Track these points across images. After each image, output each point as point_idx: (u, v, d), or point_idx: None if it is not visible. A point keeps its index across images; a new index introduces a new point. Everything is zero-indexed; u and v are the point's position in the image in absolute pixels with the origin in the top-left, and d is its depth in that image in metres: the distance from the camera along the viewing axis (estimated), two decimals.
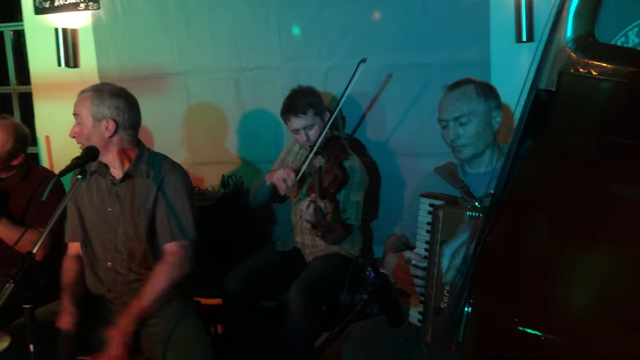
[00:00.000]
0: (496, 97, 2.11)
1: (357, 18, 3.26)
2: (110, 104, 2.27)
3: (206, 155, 3.61)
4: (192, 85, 3.58)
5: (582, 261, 0.79)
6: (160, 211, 2.33)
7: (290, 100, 2.88)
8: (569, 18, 0.79)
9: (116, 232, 2.34)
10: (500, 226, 0.83)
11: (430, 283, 1.89)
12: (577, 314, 0.79)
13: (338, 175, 2.75)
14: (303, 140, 2.86)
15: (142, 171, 2.34)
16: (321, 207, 2.61)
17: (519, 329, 0.82)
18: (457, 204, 1.89)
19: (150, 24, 3.56)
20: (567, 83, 0.78)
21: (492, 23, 3.06)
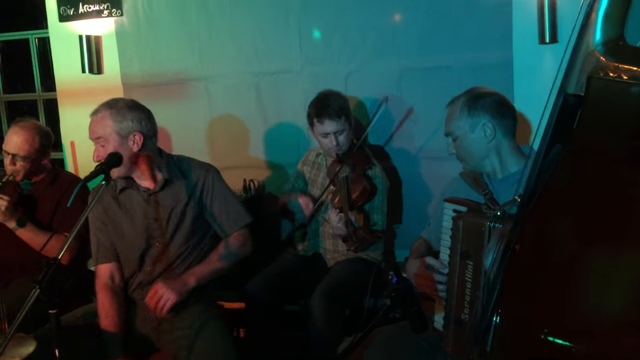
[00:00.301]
0: (486, 108, 2.02)
1: (378, 21, 3.24)
2: (132, 117, 2.27)
3: (228, 160, 3.62)
4: (214, 90, 3.60)
5: (613, 267, 0.78)
6: (215, 207, 2.43)
7: (324, 103, 2.83)
8: (598, 21, 0.78)
9: (162, 240, 2.38)
10: (529, 233, 0.82)
11: (451, 293, 1.88)
12: (607, 322, 0.77)
13: (366, 188, 2.75)
14: (332, 145, 2.82)
15: (177, 175, 2.40)
16: (352, 220, 2.61)
17: (548, 339, 0.80)
18: (479, 212, 1.87)
19: (172, 30, 3.59)
20: (596, 87, 0.76)
21: (514, 24, 3.02)
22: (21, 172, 2.87)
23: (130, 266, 2.41)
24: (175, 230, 2.37)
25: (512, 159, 2.06)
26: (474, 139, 2.03)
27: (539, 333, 0.81)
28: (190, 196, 2.39)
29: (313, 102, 2.89)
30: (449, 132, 2.10)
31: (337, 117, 2.79)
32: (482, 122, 2.02)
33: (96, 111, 2.29)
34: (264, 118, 3.54)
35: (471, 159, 2.07)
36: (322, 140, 2.86)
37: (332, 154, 2.86)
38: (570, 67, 0.80)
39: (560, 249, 0.83)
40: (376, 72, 3.29)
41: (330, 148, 2.84)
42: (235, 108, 3.59)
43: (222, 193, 2.46)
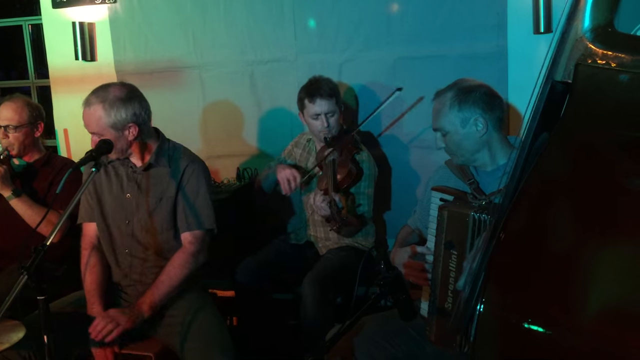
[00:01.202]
0: (476, 102, 2.00)
1: (372, 10, 3.22)
2: (125, 110, 2.24)
3: (221, 147, 3.62)
4: (208, 79, 3.58)
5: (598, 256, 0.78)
6: (180, 201, 2.37)
7: (314, 85, 2.86)
8: (587, 7, 0.76)
9: (132, 219, 2.38)
10: (515, 222, 0.81)
11: (435, 282, 1.89)
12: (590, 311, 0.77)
13: (352, 170, 2.76)
14: (323, 127, 2.83)
15: (163, 162, 2.38)
16: (336, 200, 2.62)
17: (531, 327, 0.80)
18: (464, 202, 1.87)
19: (166, 17, 3.57)
20: (584, 75, 0.75)
21: (509, 14, 3.00)
22: (15, 144, 2.89)
23: (107, 239, 2.42)
24: (150, 215, 2.36)
25: (501, 151, 2.06)
26: (466, 133, 2.01)
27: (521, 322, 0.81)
28: (169, 186, 2.37)
29: (304, 87, 2.92)
30: (438, 127, 2.06)
31: (329, 97, 2.81)
32: (473, 117, 2.00)
33: (88, 103, 2.25)
34: (258, 106, 3.53)
35: (463, 154, 2.06)
36: (312, 123, 2.87)
37: (322, 137, 2.85)
38: (558, 54, 0.80)
39: (546, 237, 0.83)
40: (370, 60, 3.27)
41: (320, 130, 2.84)
42: (229, 96, 3.57)
43: (195, 188, 2.39)
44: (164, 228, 2.38)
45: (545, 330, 0.80)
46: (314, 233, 3.01)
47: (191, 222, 2.37)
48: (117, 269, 2.43)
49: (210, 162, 3.53)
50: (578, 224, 0.79)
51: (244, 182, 3.42)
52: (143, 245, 2.38)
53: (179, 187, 2.37)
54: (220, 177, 3.55)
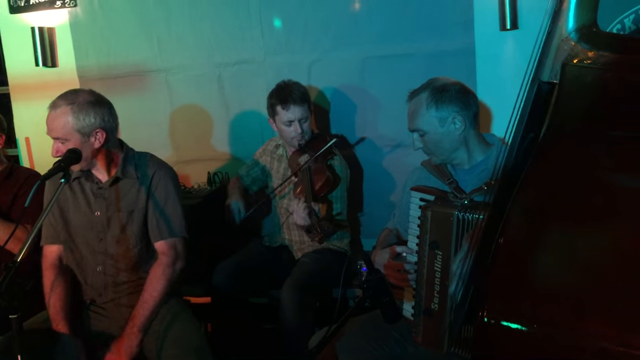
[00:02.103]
0: (452, 100, 2.00)
1: (339, 10, 3.21)
2: (95, 114, 2.16)
3: (191, 152, 3.57)
4: (174, 82, 3.52)
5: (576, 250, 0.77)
6: (150, 210, 2.31)
7: (286, 90, 2.82)
8: (571, 8, 0.76)
9: (105, 236, 2.30)
10: (512, 227, 0.81)
11: (420, 283, 1.89)
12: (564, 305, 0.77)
13: (329, 178, 2.74)
14: (296, 133, 2.80)
15: (130, 173, 2.31)
16: (316, 210, 2.59)
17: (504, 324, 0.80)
18: (446, 201, 1.87)
19: (129, 21, 3.49)
20: (570, 75, 0.75)
21: (476, 11, 3.03)
22: None
23: (77, 260, 2.35)
24: (122, 230, 2.30)
25: (477, 148, 2.07)
26: (444, 132, 2.01)
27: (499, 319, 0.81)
28: (139, 197, 2.31)
29: (274, 92, 2.87)
30: (416, 128, 2.05)
31: (302, 103, 2.78)
32: (451, 116, 2.00)
33: (55, 105, 2.16)
34: (227, 109, 3.49)
35: (442, 153, 2.05)
36: (285, 129, 2.83)
37: (295, 143, 2.83)
38: (543, 54, 0.79)
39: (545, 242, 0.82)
40: (339, 60, 3.26)
41: (294, 137, 2.81)
42: (197, 99, 3.52)
43: (164, 194, 2.33)
44: (137, 241, 2.32)
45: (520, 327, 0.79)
46: (288, 237, 2.98)
47: (163, 231, 2.32)
48: (89, 288, 2.35)
49: (180, 168, 3.48)
50: (572, 225, 0.79)
51: (215, 187, 3.37)
52: (117, 262, 2.31)
53: (148, 196, 2.31)
54: (191, 183, 3.49)
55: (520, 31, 2.96)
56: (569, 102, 0.76)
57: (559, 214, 0.79)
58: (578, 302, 0.73)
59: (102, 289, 2.33)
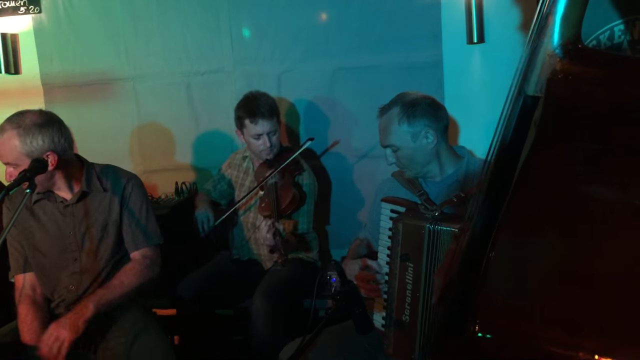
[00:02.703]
0: (424, 115, 2.01)
1: (310, 21, 3.23)
2: (43, 136, 2.07)
3: (158, 162, 3.52)
4: (142, 91, 3.47)
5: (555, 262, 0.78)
6: (126, 221, 2.28)
7: (254, 103, 2.77)
8: (556, 23, 0.78)
9: (80, 255, 2.25)
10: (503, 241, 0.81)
11: (391, 295, 1.89)
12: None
13: (295, 196, 2.72)
14: (265, 147, 2.77)
15: (96, 186, 2.25)
16: (280, 230, 2.57)
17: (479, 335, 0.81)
18: (417, 213, 1.88)
19: (95, 28, 3.44)
20: (556, 89, 0.77)
21: (443, 25, 3.08)
22: None
23: (50, 283, 2.28)
24: (97, 245, 2.25)
25: (449, 160, 2.09)
26: (417, 147, 2.02)
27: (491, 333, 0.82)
28: (112, 210, 2.26)
29: (242, 104, 2.83)
30: (388, 144, 2.06)
31: (270, 116, 2.75)
32: (423, 130, 2.01)
33: (2, 130, 2.07)
34: (195, 119, 3.46)
35: (415, 167, 2.07)
36: (254, 143, 2.79)
37: (264, 156, 2.80)
38: (529, 68, 0.80)
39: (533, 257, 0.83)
40: (309, 71, 3.27)
41: (262, 150, 2.79)
42: (164, 109, 3.48)
43: (138, 204, 2.31)
44: (113, 254, 2.27)
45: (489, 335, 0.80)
46: (257, 251, 2.95)
47: (140, 240, 2.30)
48: (61, 304, 2.28)
49: (147, 178, 3.43)
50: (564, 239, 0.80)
51: (183, 197, 3.33)
52: (91, 278, 2.26)
53: (122, 207, 2.27)
54: (158, 193, 3.44)
55: (486, 45, 3.03)
56: (555, 116, 0.78)
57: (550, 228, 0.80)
58: (572, 318, 0.74)
59: (73, 304, 2.27)
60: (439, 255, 1.77)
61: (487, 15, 2.99)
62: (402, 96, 2.07)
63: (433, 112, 2.03)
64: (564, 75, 0.77)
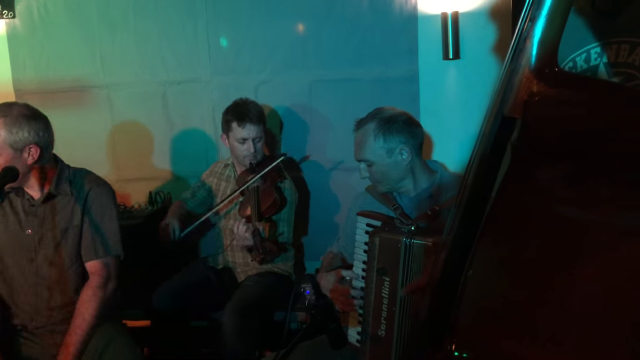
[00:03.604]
0: (399, 132, 2.02)
1: (288, 32, 3.24)
2: (29, 128, 2.06)
3: (132, 171, 3.48)
4: (117, 99, 3.43)
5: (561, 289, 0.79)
6: (86, 227, 2.22)
7: (244, 108, 2.80)
8: (534, 46, 0.80)
9: (36, 256, 2.20)
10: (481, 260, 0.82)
11: (367, 310, 1.88)
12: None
13: (277, 199, 2.73)
14: (249, 152, 2.77)
15: (64, 190, 2.21)
16: (259, 230, 2.57)
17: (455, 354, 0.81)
18: (393, 227, 1.89)
19: (70, 34, 3.39)
20: (533, 111, 0.78)
21: (420, 40, 3.12)
22: None
23: (8, 283, 2.22)
24: (55, 249, 2.20)
25: (423, 176, 2.10)
26: (392, 163, 2.03)
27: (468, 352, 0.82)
28: (74, 214, 2.22)
29: (231, 108, 2.84)
30: (363, 158, 2.06)
31: (258, 122, 2.77)
32: (399, 147, 2.01)
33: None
34: (171, 128, 3.43)
35: (389, 182, 2.07)
36: (238, 147, 2.80)
37: (247, 162, 2.80)
38: (507, 89, 0.82)
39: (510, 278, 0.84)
40: (286, 83, 3.28)
41: (246, 155, 2.79)
42: (139, 117, 3.44)
43: (99, 212, 2.25)
44: (72, 261, 2.22)
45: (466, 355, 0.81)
46: (232, 259, 2.94)
47: (97, 249, 2.23)
48: (21, 312, 2.23)
49: (120, 186, 3.39)
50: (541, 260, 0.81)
51: (157, 207, 3.29)
52: (49, 284, 2.21)
53: (84, 213, 2.22)
54: (131, 202, 3.40)
55: (462, 61, 3.08)
56: (531, 137, 0.79)
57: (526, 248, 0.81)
58: (549, 338, 0.75)
59: (34, 313, 2.21)
60: (415, 269, 1.78)
61: (462, 32, 3.04)
62: (379, 111, 2.08)
63: (409, 129, 2.04)
64: (541, 98, 0.79)
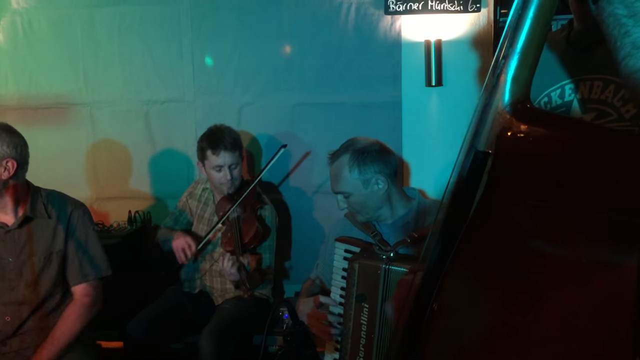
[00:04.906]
0: (374, 162, 2.03)
1: (273, 55, 3.25)
2: (9, 141, 2.06)
3: (112, 189, 3.44)
4: (98, 117, 3.40)
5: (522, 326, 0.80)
6: (71, 251, 2.19)
7: (218, 135, 2.76)
8: (507, 83, 0.81)
9: (18, 284, 2.15)
10: (447, 293, 0.83)
11: (346, 336, 1.87)
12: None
13: (259, 230, 2.70)
14: (225, 180, 2.74)
15: (41, 212, 2.17)
16: (244, 264, 2.54)
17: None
18: (372, 253, 1.89)
19: (54, 51, 3.37)
20: (505, 146, 0.80)
21: (403, 66, 3.16)
22: None
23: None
24: (39, 275, 2.16)
25: (400, 203, 2.11)
26: (368, 193, 2.03)
27: None
28: (56, 238, 2.19)
29: (206, 136, 2.81)
30: (340, 190, 2.06)
31: (233, 149, 2.74)
32: (374, 177, 2.02)
33: None
34: (153, 147, 3.40)
35: (367, 212, 2.07)
36: (215, 175, 2.77)
37: (224, 189, 2.78)
38: (480, 124, 0.83)
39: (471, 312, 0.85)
40: (270, 105, 3.28)
41: (223, 183, 2.76)
42: (121, 136, 3.41)
43: (84, 234, 2.23)
44: (55, 287, 2.19)
45: None
46: (209, 284, 2.90)
47: (87, 273, 2.21)
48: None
49: (99, 205, 3.36)
50: (507, 296, 0.81)
51: (136, 226, 3.26)
52: (29, 311, 2.17)
53: (67, 236, 2.19)
54: (110, 221, 3.36)
55: (444, 88, 3.12)
56: (503, 173, 0.81)
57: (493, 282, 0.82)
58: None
59: (8, 337, 2.17)
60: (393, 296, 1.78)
61: (445, 59, 3.09)
62: (351, 143, 2.09)
63: (383, 158, 2.05)
64: (513, 133, 0.80)
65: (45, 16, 3.35)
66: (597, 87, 1.11)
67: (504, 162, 0.80)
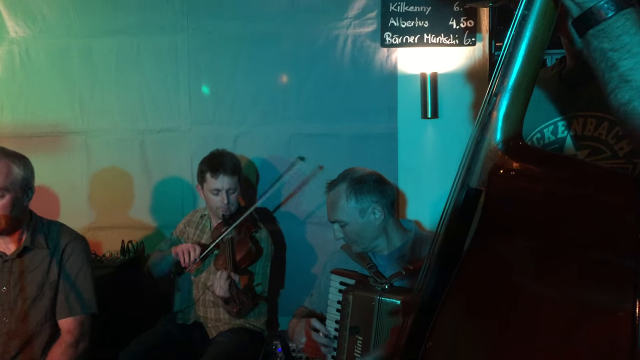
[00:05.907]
0: (371, 191, 2.04)
1: (269, 86, 3.27)
2: (31, 168, 2.10)
3: (105, 219, 3.41)
4: (94, 145, 3.40)
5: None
6: (61, 284, 2.16)
7: (218, 159, 2.79)
8: (499, 120, 0.81)
9: (12, 314, 2.11)
10: (440, 332, 0.81)
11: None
12: None
13: (252, 249, 2.70)
14: (222, 204, 2.75)
15: (40, 243, 2.15)
16: (236, 281, 2.53)
17: None
18: (367, 285, 1.88)
19: (51, 80, 3.38)
20: (497, 184, 0.79)
21: (399, 98, 3.18)
22: None
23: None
24: (30, 306, 2.13)
25: (396, 234, 2.10)
26: (365, 223, 2.04)
27: None
28: (50, 270, 2.16)
29: (206, 159, 2.83)
30: (336, 219, 2.07)
31: (232, 174, 2.75)
32: (371, 207, 2.03)
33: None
34: (148, 176, 3.39)
35: (363, 242, 2.07)
36: (212, 198, 2.77)
37: (220, 213, 2.77)
38: (472, 162, 0.83)
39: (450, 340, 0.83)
40: (266, 135, 3.29)
41: (219, 207, 2.76)
42: (117, 165, 3.40)
43: (76, 267, 2.20)
44: (46, 318, 2.15)
45: None
46: (203, 314, 2.86)
47: (72, 307, 2.17)
48: None
49: (92, 234, 3.33)
50: (500, 335, 0.80)
51: (129, 257, 3.22)
52: (19, 343, 2.13)
53: (60, 268, 2.17)
54: (102, 250, 3.32)
55: (439, 120, 3.13)
56: (495, 210, 0.80)
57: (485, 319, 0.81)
58: None
59: None
60: (387, 328, 1.75)
61: (441, 91, 3.11)
62: (349, 172, 2.11)
63: (380, 189, 2.06)
64: (505, 171, 0.80)
65: (43, 45, 3.36)
66: (591, 123, 1.11)
67: (496, 200, 0.79)
